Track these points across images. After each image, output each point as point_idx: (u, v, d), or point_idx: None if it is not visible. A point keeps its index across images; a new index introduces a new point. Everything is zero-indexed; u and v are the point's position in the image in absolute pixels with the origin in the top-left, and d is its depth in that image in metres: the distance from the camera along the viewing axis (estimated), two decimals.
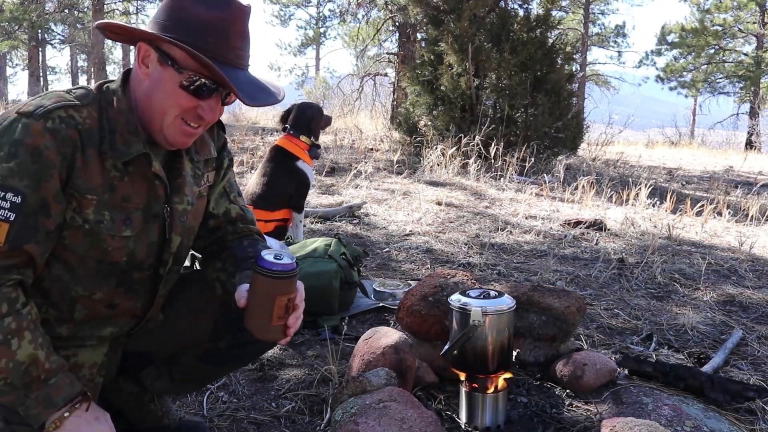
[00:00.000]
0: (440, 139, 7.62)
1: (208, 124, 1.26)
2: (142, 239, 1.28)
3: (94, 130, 1.19)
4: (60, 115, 1.15)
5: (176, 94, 1.19)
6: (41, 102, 1.16)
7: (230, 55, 1.19)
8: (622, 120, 11.13)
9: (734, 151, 16.83)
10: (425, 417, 1.50)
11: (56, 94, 1.19)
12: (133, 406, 1.57)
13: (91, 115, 1.20)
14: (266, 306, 1.17)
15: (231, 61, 1.19)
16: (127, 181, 1.23)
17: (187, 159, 1.35)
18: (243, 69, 1.22)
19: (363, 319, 2.65)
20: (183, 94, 1.19)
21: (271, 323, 1.19)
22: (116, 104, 1.23)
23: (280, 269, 1.15)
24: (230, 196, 1.50)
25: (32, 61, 21.77)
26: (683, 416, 1.65)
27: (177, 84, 1.18)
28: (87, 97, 1.21)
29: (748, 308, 2.94)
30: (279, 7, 26.38)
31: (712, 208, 5.20)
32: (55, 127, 1.14)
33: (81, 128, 1.17)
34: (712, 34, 22.93)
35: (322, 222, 4.61)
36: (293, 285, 1.19)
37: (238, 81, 1.17)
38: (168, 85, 1.19)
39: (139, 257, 1.29)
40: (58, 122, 1.14)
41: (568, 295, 2.09)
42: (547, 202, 5.71)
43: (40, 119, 1.13)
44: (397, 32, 14.07)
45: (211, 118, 1.23)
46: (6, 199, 1.09)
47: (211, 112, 1.22)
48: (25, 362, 1.10)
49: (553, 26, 7.94)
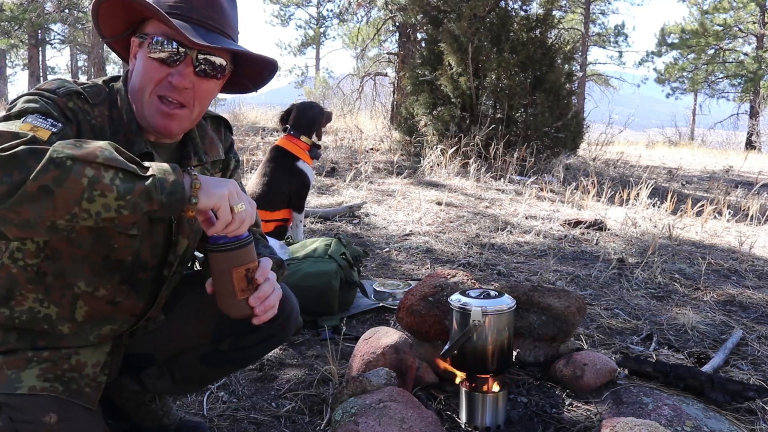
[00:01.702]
0: (440, 139, 7.62)
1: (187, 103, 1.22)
2: (146, 239, 1.27)
3: (105, 129, 1.20)
4: (78, 104, 1.17)
5: (147, 67, 1.19)
6: (64, 84, 1.17)
7: (193, 14, 1.19)
8: (622, 120, 11.14)
9: (734, 151, 16.85)
10: (425, 417, 1.50)
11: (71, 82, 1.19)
12: (134, 405, 1.57)
13: (102, 114, 1.21)
14: (226, 282, 1.15)
15: (195, 21, 1.19)
16: None
17: (196, 160, 1.35)
18: (213, 31, 1.21)
19: (363, 319, 2.65)
20: (152, 64, 1.18)
21: (236, 298, 1.17)
22: (120, 104, 1.23)
23: (225, 241, 1.13)
24: None
25: (32, 61, 21.78)
26: (683, 416, 1.65)
27: (146, 56, 1.19)
28: (99, 95, 1.21)
29: (748, 308, 2.94)
30: (279, 6, 26.41)
31: (713, 208, 5.20)
32: (75, 110, 1.16)
33: (94, 123, 1.19)
34: (713, 35, 22.94)
35: (322, 222, 4.61)
36: (247, 255, 1.15)
37: (192, 33, 1.16)
38: (142, 63, 1.20)
39: (143, 257, 1.29)
40: (77, 110, 1.16)
41: (568, 295, 2.09)
42: (547, 202, 5.71)
43: (63, 96, 1.14)
44: (397, 32, 14.07)
45: (183, 84, 1.19)
46: (47, 121, 1.08)
47: (180, 77, 1.18)
48: (109, 148, 1.00)
49: (553, 26, 7.94)
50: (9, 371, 1.19)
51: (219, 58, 1.22)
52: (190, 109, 1.24)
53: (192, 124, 1.30)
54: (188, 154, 1.34)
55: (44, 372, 1.19)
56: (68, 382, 1.21)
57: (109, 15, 1.23)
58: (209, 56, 1.20)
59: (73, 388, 1.21)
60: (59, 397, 1.18)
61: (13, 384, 1.17)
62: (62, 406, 1.18)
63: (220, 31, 1.22)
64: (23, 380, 1.18)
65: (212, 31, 1.21)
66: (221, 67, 1.23)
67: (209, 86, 1.24)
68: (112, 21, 1.24)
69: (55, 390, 1.19)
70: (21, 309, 1.22)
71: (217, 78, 1.24)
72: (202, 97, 1.24)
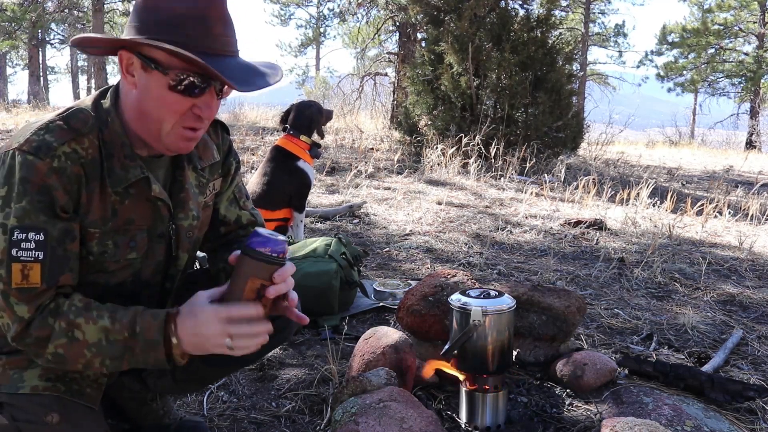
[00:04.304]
0: (440, 139, 7.62)
1: (207, 124, 1.21)
2: (148, 259, 1.27)
3: (96, 160, 1.16)
4: (65, 151, 1.11)
5: (167, 98, 1.12)
6: (45, 138, 1.10)
7: (215, 44, 1.11)
8: (622, 120, 11.14)
9: (734, 151, 16.84)
10: (425, 417, 1.50)
11: (57, 126, 1.13)
12: (135, 404, 1.58)
13: (92, 144, 1.15)
14: (239, 284, 1.14)
15: (216, 50, 1.11)
16: (128, 204, 1.21)
17: (189, 168, 1.32)
18: (232, 56, 1.14)
19: (363, 319, 2.65)
20: (174, 96, 1.12)
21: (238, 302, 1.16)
22: (110, 125, 1.18)
23: (259, 250, 1.12)
24: (240, 202, 1.48)
25: (32, 61, 21.80)
26: (683, 416, 1.65)
27: (165, 87, 1.11)
28: (87, 124, 1.15)
29: (748, 308, 2.94)
30: (279, 6, 26.40)
31: (713, 208, 5.20)
32: (61, 166, 1.10)
33: (84, 162, 1.14)
34: (713, 34, 22.94)
35: (323, 222, 4.61)
36: (269, 272, 1.14)
37: (228, 69, 1.09)
38: (156, 91, 1.12)
39: (145, 276, 1.29)
40: (63, 160, 1.11)
41: (568, 295, 2.09)
42: (548, 202, 5.70)
43: (46, 158, 1.09)
44: (397, 32, 14.07)
45: (209, 115, 1.17)
46: (29, 239, 1.07)
47: (208, 109, 1.15)
48: (100, 338, 1.10)
49: (554, 26, 7.94)
50: (11, 371, 1.19)
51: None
52: (206, 128, 1.22)
53: None
54: (181, 164, 1.31)
55: (46, 372, 1.19)
56: (70, 382, 1.21)
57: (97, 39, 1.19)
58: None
59: (74, 389, 1.21)
60: (61, 397, 1.18)
61: (15, 384, 1.17)
62: (64, 406, 1.18)
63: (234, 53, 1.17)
64: (26, 380, 1.18)
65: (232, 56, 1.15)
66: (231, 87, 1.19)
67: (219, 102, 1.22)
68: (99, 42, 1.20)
69: (58, 390, 1.19)
70: None
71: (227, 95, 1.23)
72: (214, 114, 1.22)
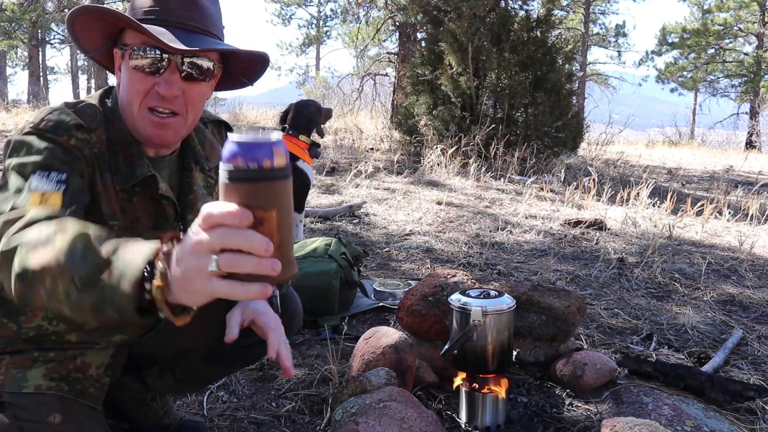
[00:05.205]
0: (440, 139, 7.62)
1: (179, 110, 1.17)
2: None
3: (105, 155, 1.17)
4: (78, 137, 1.13)
5: (131, 77, 1.14)
6: (61, 118, 1.12)
7: (170, 17, 1.12)
8: (622, 120, 11.14)
9: (734, 151, 16.84)
10: (425, 417, 1.50)
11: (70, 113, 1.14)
12: (135, 404, 1.58)
13: (100, 139, 1.16)
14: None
15: (169, 22, 1.12)
16: (135, 202, 1.21)
17: (197, 170, 1.33)
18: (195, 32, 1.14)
19: (363, 319, 2.65)
20: (135, 75, 1.13)
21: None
22: (116, 124, 1.19)
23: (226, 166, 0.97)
24: None
25: (32, 61, 21.80)
26: (683, 416, 1.65)
27: (131, 68, 1.13)
28: (95, 119, 1.17)
29: (748, 308, 2.94)
30: (280, 6, 26.41)
31: (713, 208, 5.19)
32: (78, 146, 1.12)
33: (96, 151, 1.15)
34: (713, 34, 22.94)
35: (322, 222, 4.61)
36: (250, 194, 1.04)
37: (168, 35, 1.09)
38: (126, 74, 1.15)
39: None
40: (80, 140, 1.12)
41: (568, 295, 2.09)
42: (547, 202, 5.71)
43: (64, 135, 1.10)
44: (397, 32, 14.07)
45: (169, 92, 1.13)
46: (51, 178, 1.06)
47: (167, 86, 1.12)
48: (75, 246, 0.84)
49: (554, 26, 7.94)
50: (14, 370, 1.18)
51: (206, 60, 1.16)
52: (183, 117, 1.18)
53: (188, 130, 1.25)
54: (189, 166, 1.31)
55: (50, 372, 1.19)
56: (73, 382, 1.21)
57: (85, 29, 1.18)
58: (195, 59, 1.14)
59: (77, 389, 1.21)
60: (65, 397, 1.18)
61: (18, 383, 1.17)
62: (67, 406, 1.17)
63: (202, 31, 1.16)
64: (29, 379, 1.17)
65: (194, 32, 1.15)
66: (209, 69, 1.17)
67: (200, 89, 1.18)
68: (90, 34, 1.20)
69: (61, 389, 1.18)
70: (29, 326, 1.21)
71: (207, 80, 1.18)
72: (194, 102, 1.18)
